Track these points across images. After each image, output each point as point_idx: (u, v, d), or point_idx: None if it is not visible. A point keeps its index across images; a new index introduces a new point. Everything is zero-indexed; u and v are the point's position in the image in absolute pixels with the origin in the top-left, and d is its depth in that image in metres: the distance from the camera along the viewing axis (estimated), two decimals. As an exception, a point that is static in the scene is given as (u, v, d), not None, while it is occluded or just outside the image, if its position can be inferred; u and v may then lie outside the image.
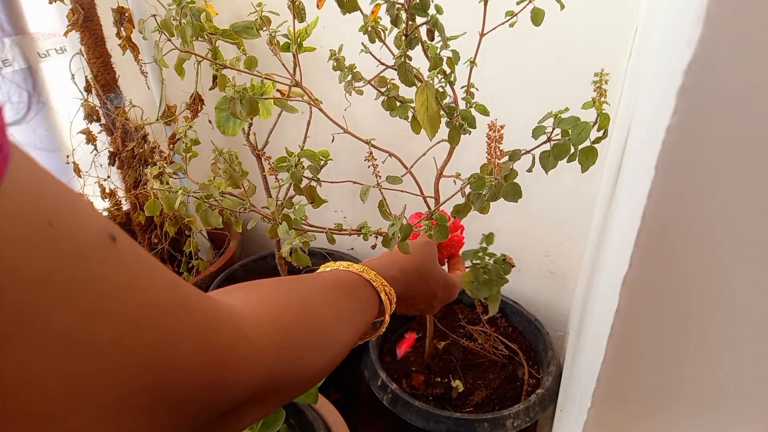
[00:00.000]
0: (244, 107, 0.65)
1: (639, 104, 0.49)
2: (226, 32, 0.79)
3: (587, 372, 0.45)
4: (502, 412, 0.86)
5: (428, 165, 0.75)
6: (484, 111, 0.63)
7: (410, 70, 0.59)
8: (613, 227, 0.50)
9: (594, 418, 0.42)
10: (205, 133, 1.04)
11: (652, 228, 0.30)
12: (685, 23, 0.27)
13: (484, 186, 0.58)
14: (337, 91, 0.67)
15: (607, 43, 0.82)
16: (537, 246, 1.08)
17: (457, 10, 0.68)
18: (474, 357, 1.04)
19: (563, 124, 0.55)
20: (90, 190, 1.19)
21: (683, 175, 0.28)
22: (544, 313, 1.13)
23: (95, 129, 1.14)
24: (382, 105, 0.65)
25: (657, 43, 0.44)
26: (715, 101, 0.26)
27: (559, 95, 0.88)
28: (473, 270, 0.64)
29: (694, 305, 0.33)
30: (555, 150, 0.56)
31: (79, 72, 1.07)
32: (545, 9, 0.60)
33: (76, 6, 1.00)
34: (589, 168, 0.56)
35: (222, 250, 1.29)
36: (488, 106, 0.64)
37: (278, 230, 0.70)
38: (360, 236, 0.71)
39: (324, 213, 1.10)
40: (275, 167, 0.67)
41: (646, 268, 0.32)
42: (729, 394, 0.37)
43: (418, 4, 0.55)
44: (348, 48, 0.66)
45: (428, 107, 0.57)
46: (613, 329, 0.35)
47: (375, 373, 0.94)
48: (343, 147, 0.79)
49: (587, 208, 0.98)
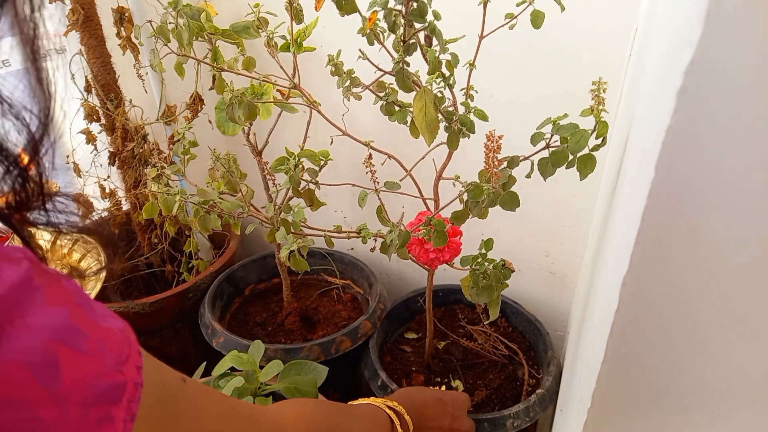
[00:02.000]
0: (243, 111, 0.65)
1: (639, 105, 0.49)
2: (226, 32, 0.79)
3: (587, 372, 0.45)
4: (502, 412, 0.86)
5: (428, 167, 0.75)
6: (483, 116, 0.63)
7: (408, 76, 0.59)
8: (613, 227, 0.50)
9: (594, 418, 0.42)
10: (206, 133, 1.04)
11: (652, 228, 0.30)
12: (685, 23, 0.27)
13: (482, 194, 0.58)
14: (337, 92, 0.67)
15: (607, 44, 0.82)
16: (537, 246, 1.08)
17: (457, 12, 0.68)
18: (474, 357, 1.04)
19: (562, 131, 0.55)
20: (90, 190, 1.19)
21: (683, 175, 0.28)
22: (544, 313, 1.13)
23: (95, 129, 1.14)
24: (381, 110, 0.65)
25: (657, 43, 0.44)
26: (715, 101, 0.26)
27: (559, 96, 0.88)
28: (473, 275, 0.64)
29: (694, 305, 0.33)
30: (553, 157, 0.56)
31: (79, 72, 1.07)
32: (545, 11, 0.60)
33: (76, 6, 1.00)
34: (587, 176, 0.56)
35: (222, 250, 1.29)
36: (488, 108, 0.64)
37: (276, 235, 0.70)
38: (359, 238, 0.71)
39: (324, 213, 1.10)
40: (273, 170, 0.67)
41: (646, 268, 0.32)
42: (729, 393, 0.37)
43: (415, 11, 0.55)
44: (348, 50, 0.66)
45: (426, 113, 0.57)
46: (613, 329, 0.35)
47: (375, 373, 0.94)
48: (343, 148, 0.79)
49: (587, 209, 0.98)
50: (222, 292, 1.18)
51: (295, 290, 1.23)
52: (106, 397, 0.25)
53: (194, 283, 1.15)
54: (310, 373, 0.83)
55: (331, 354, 0.98)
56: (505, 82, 0.92)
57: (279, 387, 0.80)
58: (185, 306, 1.15)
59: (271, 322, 1.16)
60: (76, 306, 0.26)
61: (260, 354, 0.85)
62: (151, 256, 1.29)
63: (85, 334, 0.25)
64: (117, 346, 0.27)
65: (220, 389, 0.76)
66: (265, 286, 1.27)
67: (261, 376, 0.81)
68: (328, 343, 0.99)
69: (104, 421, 0.25)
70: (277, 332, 1.13)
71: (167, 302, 1.11)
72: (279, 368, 0.82)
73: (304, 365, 0.84)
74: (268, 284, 1.28)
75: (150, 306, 1.10)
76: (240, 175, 0.75)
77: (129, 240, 1.32)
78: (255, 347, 0.86)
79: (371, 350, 0.99)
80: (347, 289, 1.25)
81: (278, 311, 1.18)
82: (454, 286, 1.15)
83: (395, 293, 1.28)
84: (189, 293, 1.15)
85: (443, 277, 1.10)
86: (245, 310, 1.21)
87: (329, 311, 1.19)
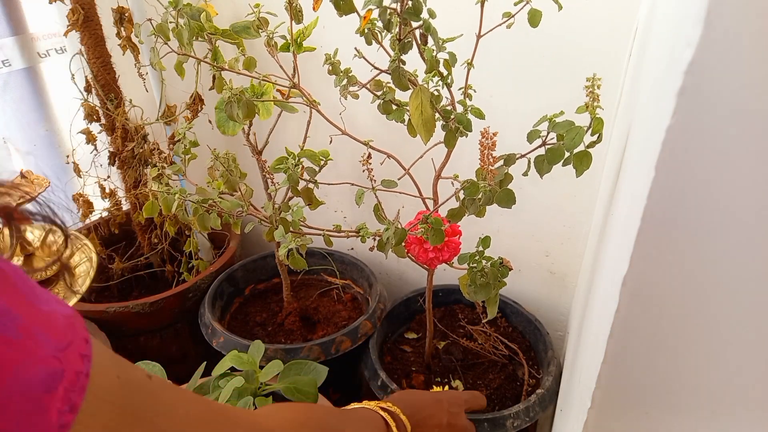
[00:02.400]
0: (242, 110, 0.65)
1: (639, 104, 0.49)
2: (226, 32, 0.79)
3: (587, 372, 0.45)
4: (502, 412, 0.86)
5: (427, 166, 0.75)
6: (479, 115, 0.63)
7: (404, 74, 0.59)
8: (613, 227, 0.50)
9: (594, 418, 0.42)
10: (206, 133, 1.04)
11: (652, 228, 0.30)
12: (685, 23, 0.27)
13: (479, 191, 0.58)
14: (336, 91, 0.67)
15: (607, 44, 0.82)
16: (537, 246, 1.08)
17: (454, 11, 0.68)
18: (474, 357, 1.04)
19: (557, 128, 0.55)
20: (90, 190, 1.19)
21: (683, 175, 0.28)
22: (544, 313, 1.13)
23: (95, 129, 1.14)
24: (378, 109, 0.65)
25: (657, 43, 0.44)
26: (715, 101, 0.26)
27: (558, 96, 0.88)
28: (470, 273, 0.64)
29: (694, 305, 0.33)
30: (549, 154, 0.56)
31: (79, 72, 1.07)
32: (543, 10, 0.60)
33: (76, 6, 1.00)
34: (583, 172, 0.56)
35: (222, 250, 1.29)
36: (486, 107, 0.64)
37: (275, 234, 0.70)
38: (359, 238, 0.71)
39: (323, 213, 1.10)
40: (273, 169, 0.67)
41: (646, 268, 0.32)
42: (728, 393, 0.37)
43: (410, 9, 0.55)
44: (347, 50, 0.66)
45: (423, 111, 0.57)
46: (613, 329, 0.35)
47: (375, 373, 0.94)
48: (343, 147, 0.79)
49: (587, 209, 0.98)
50: (222, 292, 1.18)
51: (295, 290, 1.23)
52: (37, 383, 0.24)
53: (194, 283, 1.15)
54: (310, 373, 0.83)
55: (331, 354, 0.98)
56: (504, 81, 0.92)
57: (279, 387, 0.80)
58: (185, 306, 1.15)
59: (271, 322, 1.16)
60: (11, 286, 0.25)
61: (260, 354, 0.85)
62: (151, 256, 1.29)
63: (16, 315, 0.24)
64: (57, 332, 0.25)
65: (220, 389, 0.76)
66: (265, 286, 1.28)
67: (261, 376, 0.81)
68: (328, 343, 0.99)
69: (34, 410, 0.23)
70: (277, 332, 1.13)
71: (167, 302, 1.11)
72: (279, 368, 0.82)
73: (304, 365, 0.84)
74: (268, 284, 1.28)
75: (150, 306, 1.10)
76: (239, 174, 0.75)
77: (129, 240, 1.32)
78: (255, 347, 0.86)
79: (371, 350, 0.99)
80: (347, 289, 1.25)
81: (278, 311, 1.18)
82: (454, 286, 1.15)
83: (395, 293, 1.28)
84: (189, 293, 1.15)
85: (443, 277, 1.10)
86: (245, 310, 1.21)
87: (329, 311, 1.19)
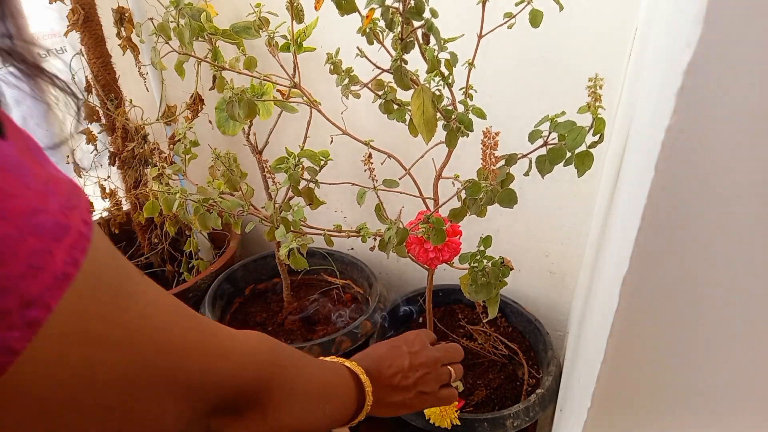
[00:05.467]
0: (243, 109, 0.65)
1: (639, 104, 0.49)
2: (226, 32, 0.79)
3: (587, 372, 0.45)
4: (502, 412, 0.86)
5: (428, 166, 0.75)
6: (481, 114, 0.63)
7: (406, 73, 0.59)
8: (613, 227, 0.50)
9: (594, 418, 0.42)
10: (206, 133, 1.04)
11: (652, 228, 0.30)
12: (685, 23, 0.27)
13: (480, 191, 0.58)
14: (337, 91, 0.67)
15: (607, 44, 0.82)
16: (537, 246, 1.08)
17: (456, 11, 0.68)
18: (474, 357, 1.04)
19: (559, 128, 0.55)
20: (90, 190, 1.19)
21: (683, 175, 0.28)
22: (544, 313, 1.13)
23: (95, 129, 1.14)
24: (380, 108, 0.65)
25: (657, 43, 0.44)
26: (715, 101, 0.26)
27: (559, 96, 0.88)
28: (472, 273, 0.64)
29: (694, 305, 0.33)
30: (551, 154, 0.56)
31: (79, 72, 1.07)
32: (544, 10, 0.60)
33: (76, 6, 1.00)
34: (585, 173, 0.56)
35: (222, 250, 1.29)
36: (488, 107, 0.64)
37: (276, 233, 0.70)
38: (359, 238, 0.71)
39: (324, 213, 1.10)
40: (273, 169, 0.67)
41: (646, 268, 0.32)
42: (729, 393, 0.37)
43: (413, 8, 0.55)
44: (348, 49, 0.66)
45: (424, 111, 0.57)
46: (613, 329, 0.35)
47: (375, 373, 0.94)
48: (343, 147, 0.79)
49: (587, 209, 0.98)
50: (222, 292, 1.18)
51: (295, 290, 1.23)
52: (47, 230, 0.24)
53: (194, 283, 1.15)
54: (310, 373, 0.83)
55: (331, 354, 0.98)
56: (505, 81, 0.92)
57: (279, 387, 0.80)
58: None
59: (271, 322, 1.16)
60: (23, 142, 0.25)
61: (260, 354, 0.85)
62: (151, 256, 1.29)
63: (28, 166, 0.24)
64: (64, 192, 0.26)
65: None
66: (265, 286, 1.28)
67: (261, 376, 0.81)
68: (328, 343, 0.99)
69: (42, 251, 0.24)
70: (277, 332, 1.13)
71: (167, 302, 1.11)
72: (279, 368, 0.82)
73: (304, 365, 0.84)
74: (268, 284, 1.28)
75: (150, 306, 1.09)
76: (240, 173, 0.75)
77: (129, 240, 1.32)
78: (255, 347, 0.86)
79: (371, 350, 0.99)
80: (347, 289, 1.25)
81: (278, 311, 1.18)
82: (454, 286, 1.15)
83: (395, 293, 1.28)
84: (189, 293, 1.15)
85: (443, 277, 1.10)
86: (245, 310, 1.21)
87: (329, 311, 1.19)
